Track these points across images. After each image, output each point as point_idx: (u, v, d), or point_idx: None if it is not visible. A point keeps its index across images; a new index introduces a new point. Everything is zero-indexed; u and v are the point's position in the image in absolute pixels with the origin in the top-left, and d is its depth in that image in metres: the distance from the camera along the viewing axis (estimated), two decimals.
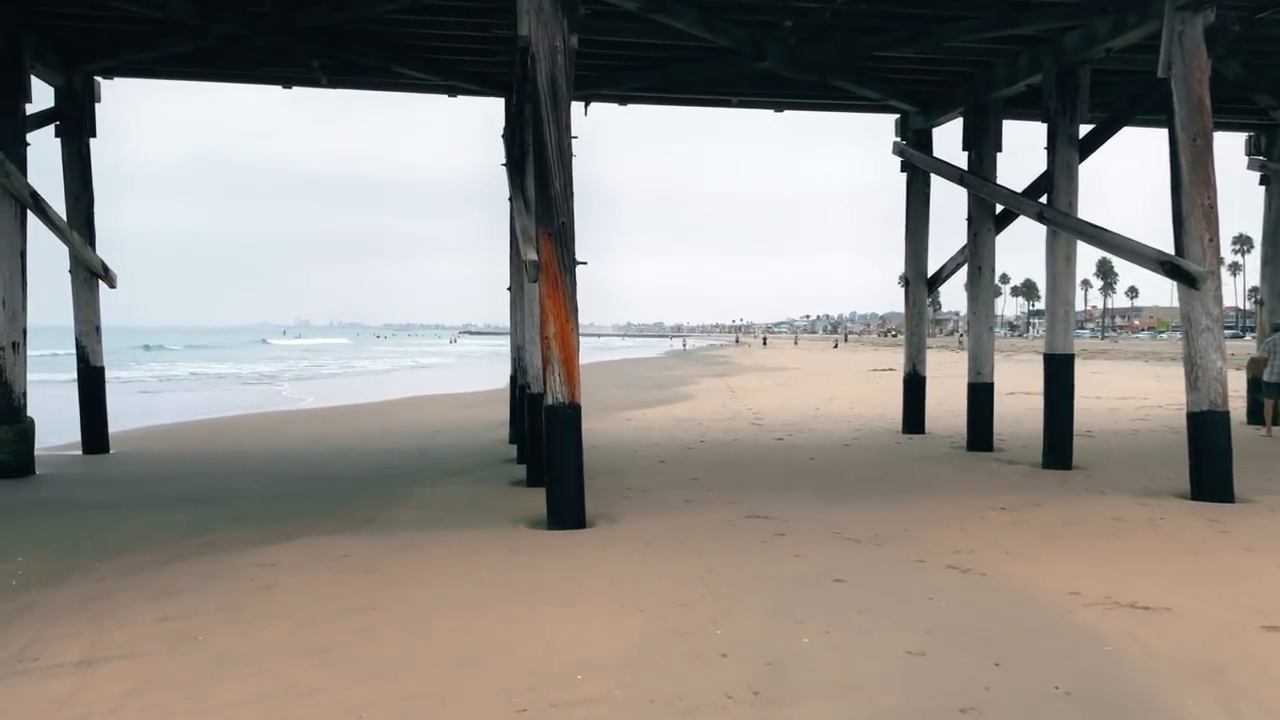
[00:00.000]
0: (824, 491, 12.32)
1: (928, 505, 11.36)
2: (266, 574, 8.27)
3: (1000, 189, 15.77)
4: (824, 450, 16.58)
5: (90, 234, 16.90)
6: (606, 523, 10.42)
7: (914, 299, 19.48)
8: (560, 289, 10.36)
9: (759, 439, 18.30)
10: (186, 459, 16.21)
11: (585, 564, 8.56)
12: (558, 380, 10.34)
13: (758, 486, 12.64)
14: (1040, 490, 12.36)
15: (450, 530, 10.06)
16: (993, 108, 16.37)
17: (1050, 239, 14.31)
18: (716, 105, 18.76)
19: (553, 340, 10.34)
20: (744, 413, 24.10)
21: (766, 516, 10.58)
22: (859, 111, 19.37)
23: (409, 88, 17.67)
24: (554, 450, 10.35)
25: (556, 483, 10.32)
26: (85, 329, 17.06)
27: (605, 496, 11.93)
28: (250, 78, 17.35)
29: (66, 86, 16.41)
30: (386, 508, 11.42)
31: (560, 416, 10.30)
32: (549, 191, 10.40)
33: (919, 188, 19.01)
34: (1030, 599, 7.35)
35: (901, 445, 17.35)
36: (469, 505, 11.54)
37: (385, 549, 9.19)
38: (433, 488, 12.88)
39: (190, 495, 12.43)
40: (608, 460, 15.31)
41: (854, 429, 20.01)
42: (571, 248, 10.46)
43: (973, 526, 10.11)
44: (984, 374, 16.78)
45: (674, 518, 10.61)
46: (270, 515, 11.03)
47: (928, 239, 19.32)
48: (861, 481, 13.19)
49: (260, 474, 14.27)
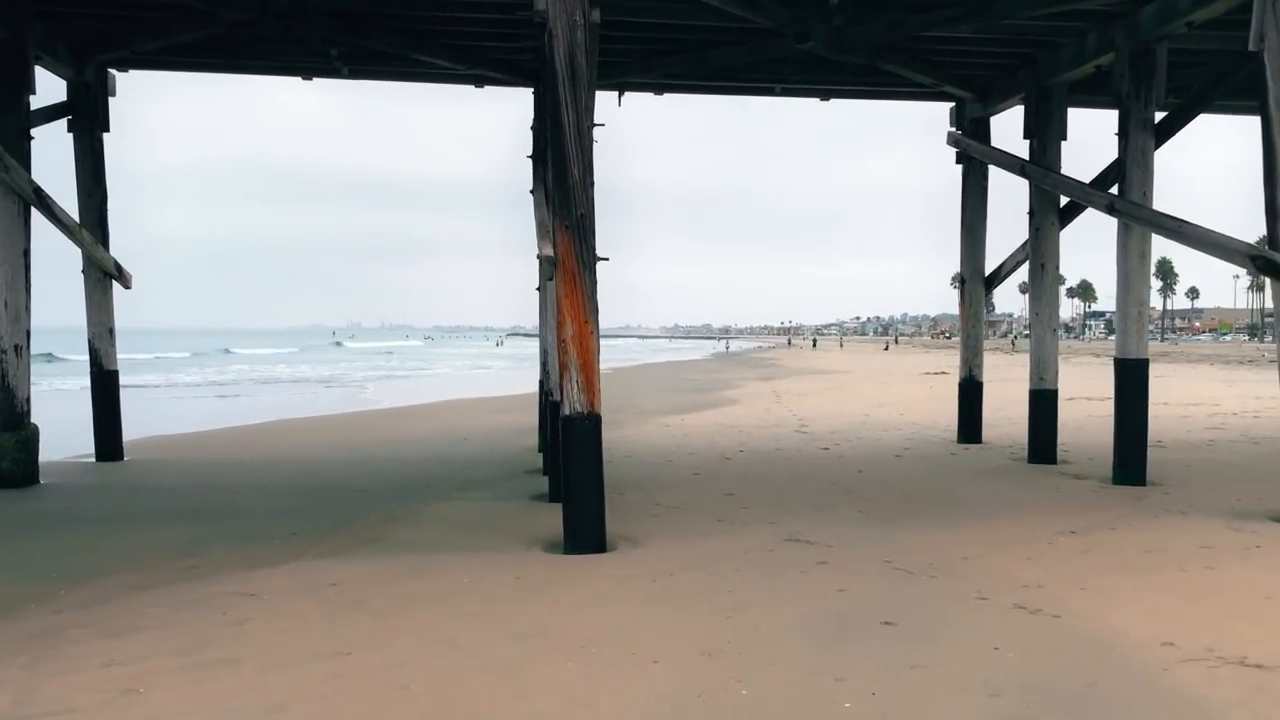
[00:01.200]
0: (872, 510, 11.23)
1: (988, 527, 10.23)
2: (243, 606, 7.39)
3: (1066, 179, 14.55)
4: (873, 462, 15.45)
5: (104, 233, 16.23)
6: (629, 546, 9.43)
7: (970, 299, 18.25)
8: (578, 287, 9.39)
9: (803, 448, 17.20)
10: (201, 468, 15.47)
11: (599, 597, 7.57)
12: (575, 388, 9.37)
13: (799, 504, 11.58)
14: (1113, 510, 11.16)
15: (457, 553, 9.14)
16: (1057, 92, 15.15)
17: (1122, 234, 13.08)
18: (759, 94, 17.68)
19: (570, 343, 9.38)
20: (788, 419, 22.99)
21: (807, 540, 9.53)
22: (911, 99, 18.19)
23: (434, 78, 16.82)
24: (571, 466, 9.38)
25: (573, 503, 9.35)
26: (98, 331, 16.40)
27: (632, 514, 10.95)
28: (268, 68, 16.58)
29: (78, 79, 15.75)
30: (394, 525, 10.53)
31: (578, 428, 9.33)
32: (566, 180, 9.44)
33: (976, 180, 17.80)
34: (1115, 651, 6.23)
35: (957, 456, 16.17)
36: (483, 523, 10.61)
37: (381, 576, 8.28)
38: (449, 502, 11.98)
39: (192, 508, 11.64)
40: (639, 471, 14.33)
41: (905, 437, 18.83)
42: (591, 242, 9.48)
43: (1040, 554, 8.98)
44: (1047, 380, 15.54)
45: (704, 542, 9.59)
46: (269, 533, 10.19)
47: (985, 235, 18.09)
48: (914, 498, 12.07)
49: (273, 485, 13.47)
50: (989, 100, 16.99)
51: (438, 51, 15.01)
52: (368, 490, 12.94)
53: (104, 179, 16.26)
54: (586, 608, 7.30)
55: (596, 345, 9.56)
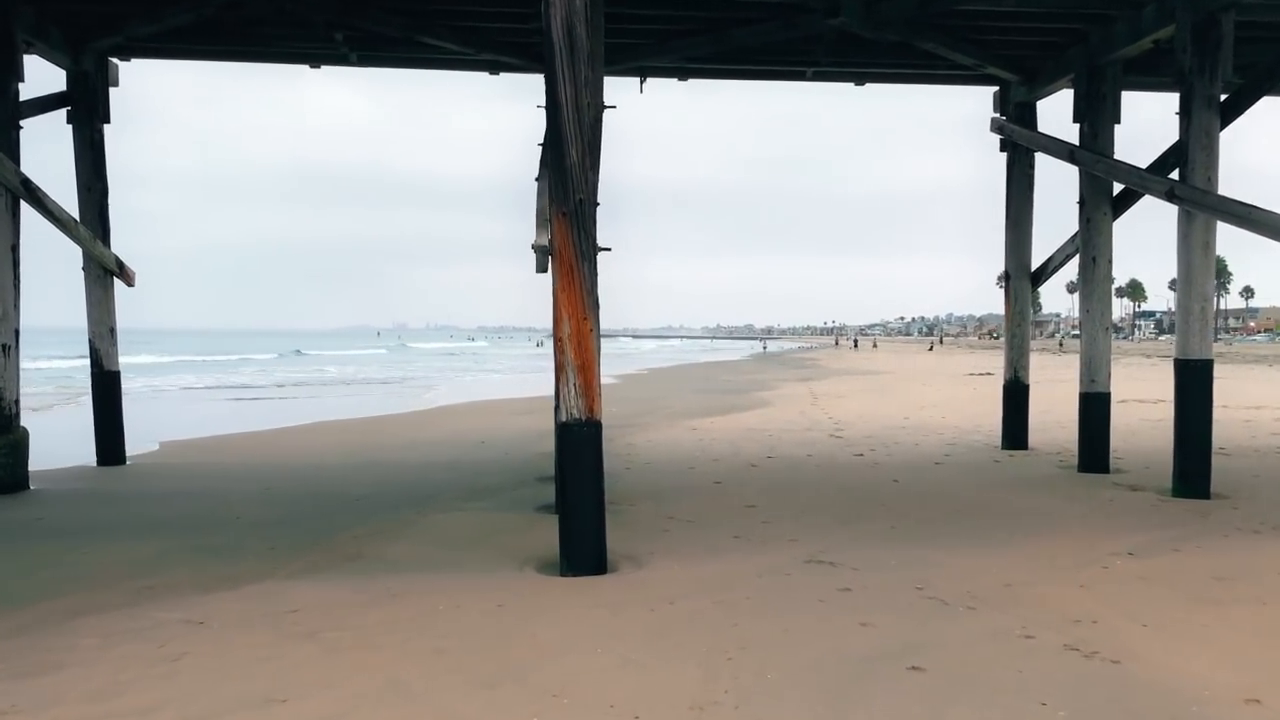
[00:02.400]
0: (906, 526, 10.20)
1: (1035, 547, 9.18)
2: (184, 637, 6.57)
3: (1120, 164, 13.40)
4: (910, 470, 14.38)
5: (105, 228, 15.58)
6: (632, 567, 8.51)
7: (1015, 296, 17.10)
8: (576, 280, 8.48)
9: (836, 455, 16.17)
10: (203, 473, 14.74)
11: (586, 631, 6.66)
12: (573, 391, 8.46)
13: (825, 518, 10.58)
14: (1176, 527, 10.05)
15: (440, 574, 8.27)
16: (1110, 71, 14.01)
17: (1183, 223, 11.93)
18: (790, 78, 16.66)
19: (567, 343, 8.47)
20: (823, 422, 21.93)
21: (830, 562, 8.54)
22: (952, 83, 17.09)
23: (446, 64, 15.99)
24: (567, 479, 8.48)
25: (570, 520, 8.44)
26: (99, 331, 15.74)
27: (641, 529, 10.04)
28: (273, 56, 15.85)
29: (75, 68, 15.11)
30: (381, 540, 9.68)
31: (575, 437, 8.42)
32: (564, 162, 8.52)
33: (1021, 170, 16.65)
34: (1188, 711, 5.21)
35: (1001, 464, 15.05)
36: (479, 538, 9.74)
37: (348, 601, 7.43)
38: (447, 513, 11.12)
39: (172, 519, 10.88)
40: (657, 480, 13.40)
41: (946, 443, 17.72)
42: (591, 231, 8.57)
43: (1095, 581, 7.92)
44: (1099, 382, 14.38)
45: (715, 562, 8.64)
46: (245, 548, 9.38)
47: (1031, 228, 16.95)
48: (953, 513, 11.02)
49: (269, 492, 12.70)
50: (1035, 82, 15.85)
51: (442, 34, 14.16)
52: (366, 499, 12.12)
53: (105, 172, 15.61)
54: (569, 644, 6.38)
55: (597, 344, 8.65)
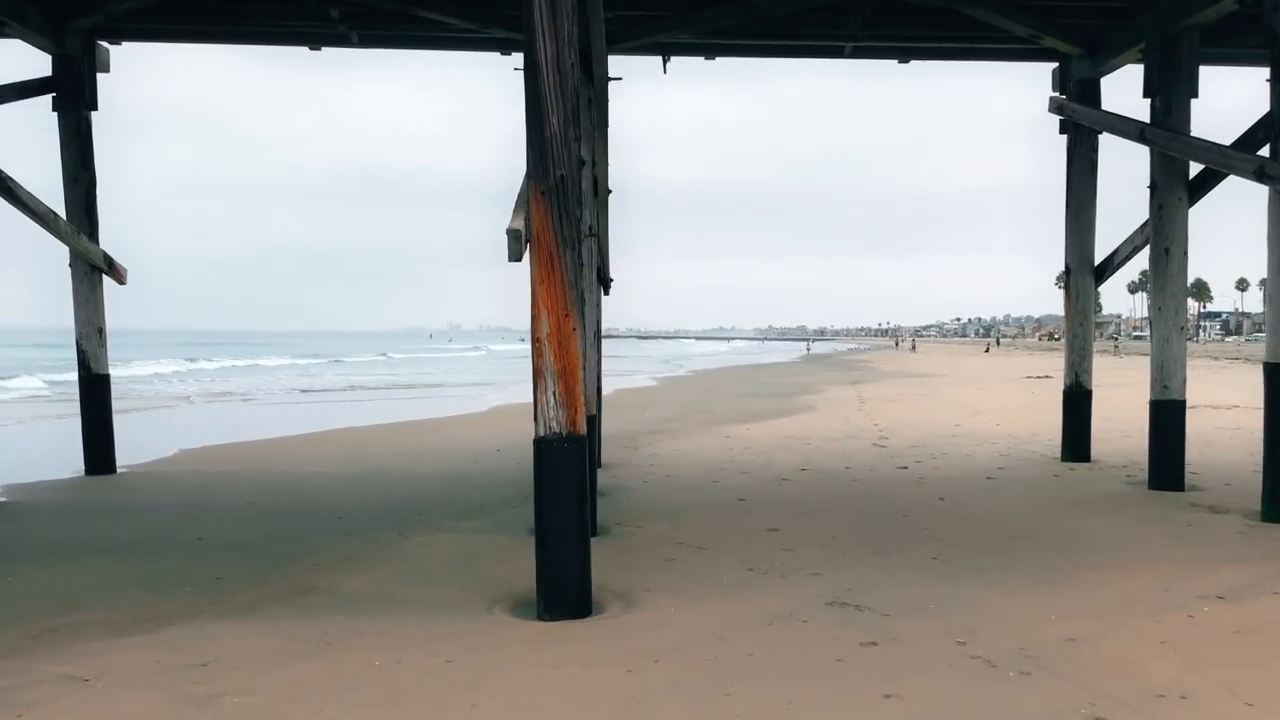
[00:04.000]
0: (950, 557, 8.80)
1: (1103, 586, 7.75)
2: (54, 701, 5.43)
3: (1200, 142, 11.85)
4: (958, 486, 12.94)
5: (91, 222, 14.61)
6: (621, 607, 7.25)
7: (1077, 292, 15.54)
8: (557, 270, 7.23)
9: (878, 467, 14.75)
10: (191, 485, 13.67)
11: (543, 698, 5.40)
12: (552, 401, 7.21)
13: (858, 546, 9.22)
14: (1273, 561, 8.55)
15: (394, 615, 7.07)
16: (1186, 39, 12.45)
17: (1276, 206, 10.39)
18: (826, 55, 15.26)
19: (545, 344, 7.22)
20: (868, 429, 20.46)
21: (857, 605, 7.19)
22: (1005, 59, 15.56)
23: (453, 43, 14.81)
24: (545, 505, 7.22)
25: (547, 552, 7.19)
26: (86, 331, 14.78)
27: (643, 557, 8.78)
28: (268, 36, 14.82)
29: (59, 51, 14.18)
30: (343, 569, 8.50)
31: (554, 455, 7.17)
32: (542, 132, 7.29)
33: (1083, 153, 15.10)
34: None
35: (1061, 479, 13.53)
36: (453, 566, 8.53)
37: (274, 652, 6.25)
38: (431, 534, 9.93)
39: (129, 540, 9.80)
40: (674, 496, 12.11)
41: (1000, 454, 16.21)
42: (575, 212, 7.33)
43: (1179, 634, 6.50)
44: (1173, 389, 12.80)
45: (720, 603, 7.33)
46: (191, 577, 8.25)
47: (1094, 218, 15.38)
48: (1005, 539, 9.58)
49: (248, 509, 11.59)
50: (1100, 55, 14.30)
51: (444, 7, 12.99)
52: (351, 516, 10.96)
53: (92, 162, 14.64)
54: (517, 717, 5.13)
55: (581, 346, 7.40)
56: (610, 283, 15.10)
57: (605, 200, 12.84)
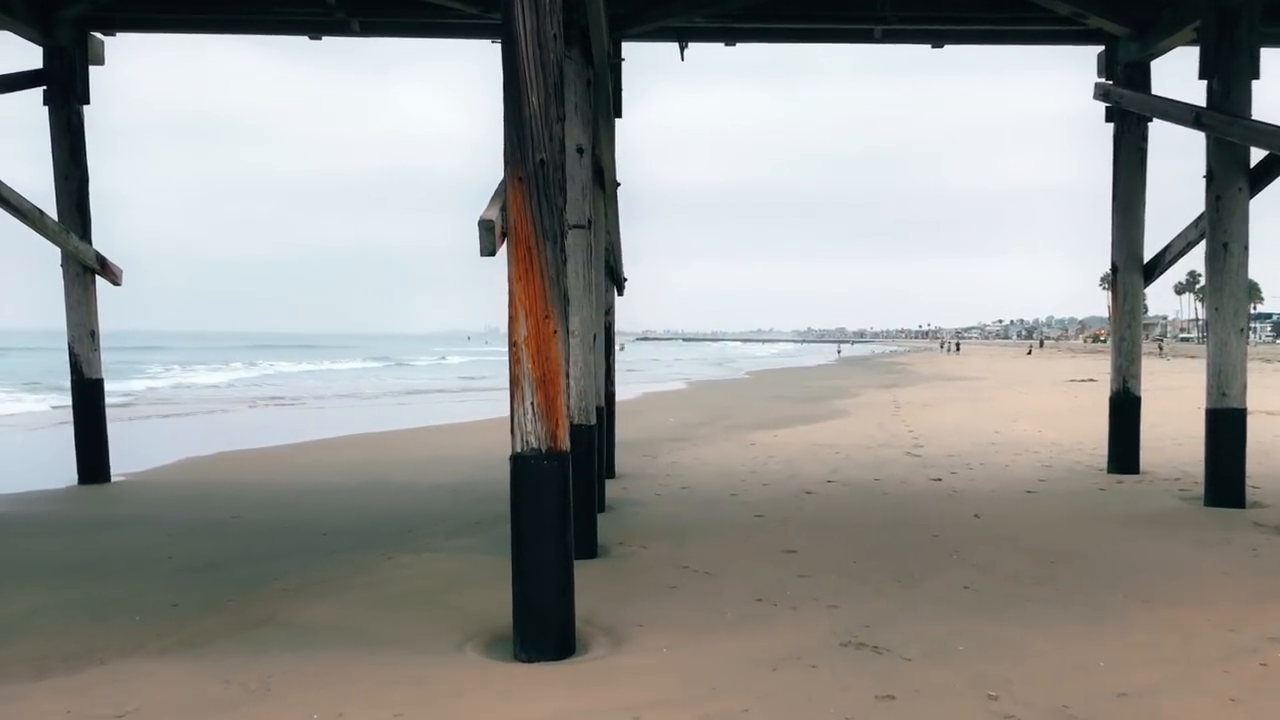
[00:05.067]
0: (984, 586, 7.88)
1: (1159, 624, 6.81)
2: None
3: (1263, 126, 10.84)
4: (996, 501, 11.98)
5: (83, 220, 14.00)
6: (607, 646, 6.42)
7: (1125, 292, 14.50)
8: (536, 266, 6.42)
9: (909, 478, 13.80)
10: (180, 496, 12.99)
11: None
12: (530, 413, 6.40)
13: (881, 572, 8.32)
14: None
15: (352, 652, 6.28)
16: (1245, 15, 11.41)
17: None
18: (854, 39, 14.33)
19: (523, 349, 6.41)
20: (901, 437, 19.47)
21: (875, 646, 6.31)
22: (1046, 41, 14.56)
23: (459, 30, 14.02)
24: (522, 531, 6.41)
25: (525, 584, 6.39)
26: (78, 334, 14.16)
27: (642, 582, 7.96)
28: (265, 25, 14.14)
29: (49, 42, 13.60)
30: (310, 596, 7.73)
31: (532, 474, 6.36)
32: (520, 111, 6.47)
33: (1131, 142, 14.06)
34: None
35: (1108, 494, 12.52)
36: (433, 593, 7.74)
37: (205, 699, 5.49)
38: (416, 554, 9.16)
39: (90, 560, 9.13)
40: (685, 511, 11.27)
41: (1042, 464, 15.19)
42: (557, 201, 6.51)
43: (1251, 688, 5.57)
44: (1232, 396, 11.74)
45: (720, 641, 6.48)
46: (141, 604, 7.52)
47: (1143, 212, 14.34)
48: (1047, 564, 8.63)
49: (231, 524, 10.89)
50: (1150, 36, 13.27)
51: None
52: (334, 534, 10.21)
53: (84, 159, 14.03)
54: None
55: (563, 351, 6.57)
56: (624, 282, 14.28)
57: (614, 193, 12.00)
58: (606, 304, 13.93)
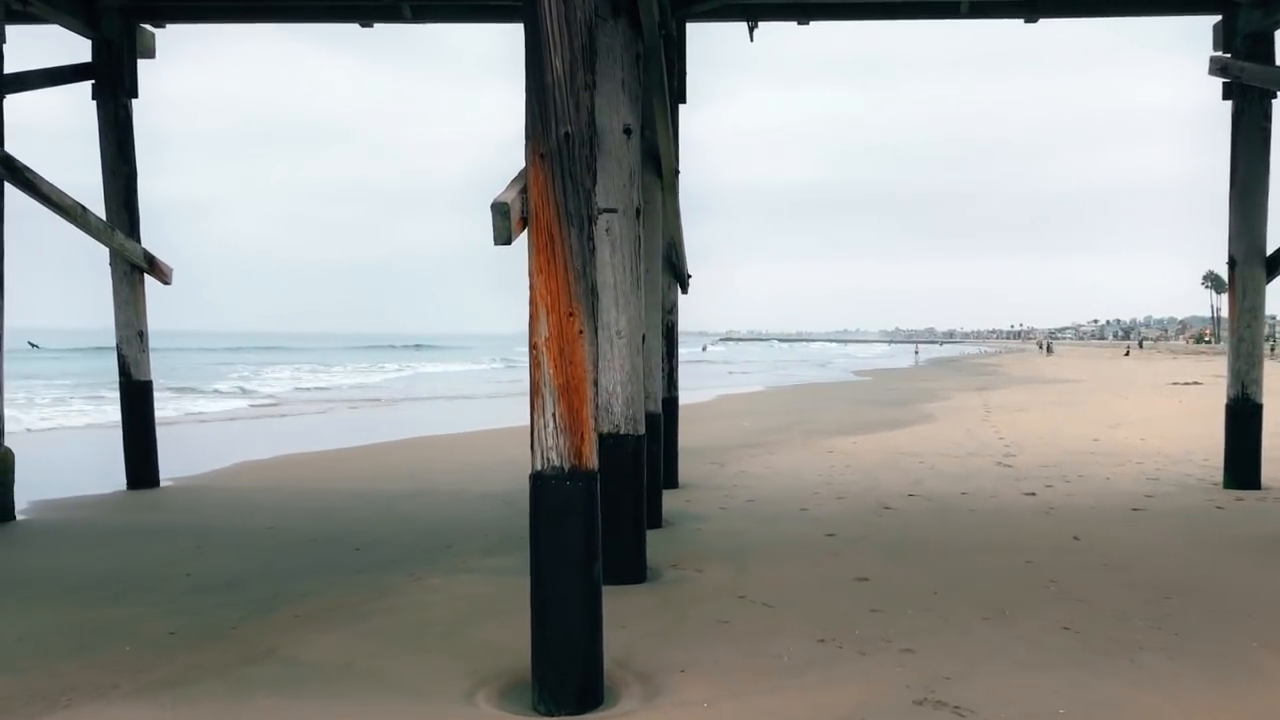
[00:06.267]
0: (1086, 627, 6.77)
1: None
2: None
3: None
4: (1098, 520, 10.76)
5: (131, 217, 13.60)
6: (639, 696, 5.54)
7: (1244, 287, 13.06)
8: (559, 255, 5.55)
9: (1000, 492, 12.61)
10: (224, 503, 12.47)
11: None
12: (550, 425, 5.54)
13: (964, 607, 7.26)
14: None
15: (347, 698, 5.52)
16: None
17: None
18: (938, 14, 13.13)
19: (543, 351, 5.55)
20: (992, 444, 18.18)
21: (955, 707, 5.30)
22: (1152, 11, 13.22)
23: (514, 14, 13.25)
24: (542, 564, 5.56)
25: (545, 626, 5.53)
26: (126, 335, 13.76)
27: (690, 615, 7.05)
28: (316, 14, 13.49)
29: (96, 35, 13.21)
30: (321, 624, 6.99)
31: (553, 497, 5.50)
32: (543, 77, 5.62)
33: (1252, 120, 12.65)
34: None
35: (1227, 513, 11.19)
36: (452, 627, 6.92)
37: None
38: (447, 576, 8.38)
39: (107, 576, 8.51)
40: (752, 527, 10.31)
41: (1148, 477, 13.84)
42: (585, 182, 5.63)
43: None
44: None
45: (770, 695, 5.53)
46: (134, 633, 6.87)
47: (1266, 199, 12.91)
48: (1158, 600, 7.47)
49: (264, 534, 10.32)
50: (1274, 3, 11.90)
51: None
52: (366, 549, 9.50)
53: (132, 154, 13.64)
54: None
55: (591, 355, 5.69)
56: (688, 279, 13.35)
57: (673, 182, 11.06)
58: (669, 302, 13.08)
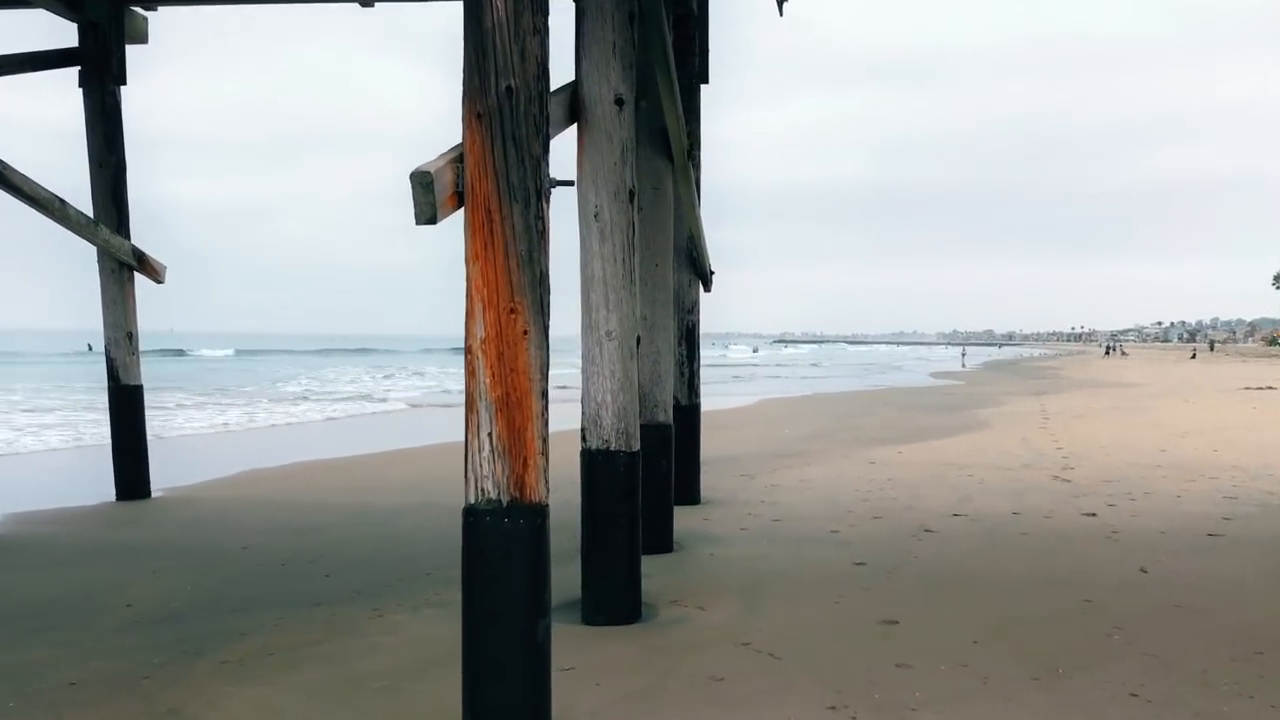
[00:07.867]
0: (1158, 691, 5.55)
1: None
2: None
3: None
4: (1168, 547, 9.46)
5: (119, 211, 12.80)
6: None
7: None
8: (499, 237, 4.53)
9: (1056, 511, 11.33)
10: (203, 519, 11.47)
11: None
12: (485, 447, 4.51)
13: (1011, 660, 6.07)
14: None
15: None
16: None
17: None
18: None
19: (479, 355, 4.51)
20: (1049, 455, 16.80)
21: None
22: None
23: None
24: (476, 622, 4.54)
25: (477, 699, 4.50)
26: (115, 336, 12.94)
27: (679, 670, 5.95)
28: None
29: (81, 18, 12.45)
30: (248, 673, 5.99)
31: (490, 538, 4.47)
32: (481, 21, 4.59)
33: None
34: None
35: None
36: (396, 680, 5.91)
37: None
38: (412, 613, 7.35)
39: (41, 606, 7.68)
40: (772, 553, 9.18)
41: (1224, 495, 12.44)
42: (530, 145, 4.60)
43: None
44: None
45: None
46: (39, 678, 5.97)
47: None
48: (1248, 654, 6.22)
49: (237, 555, 9.43)
50: None
51: None
52: (337, 575, 8.55)
53: (121, 145, 12.84)
54: None
55: (538, 360, 4.63)
56: (710, 276, 12.23)
57: (686, 165, 9.93)
58: (689, 301, 12.00)
